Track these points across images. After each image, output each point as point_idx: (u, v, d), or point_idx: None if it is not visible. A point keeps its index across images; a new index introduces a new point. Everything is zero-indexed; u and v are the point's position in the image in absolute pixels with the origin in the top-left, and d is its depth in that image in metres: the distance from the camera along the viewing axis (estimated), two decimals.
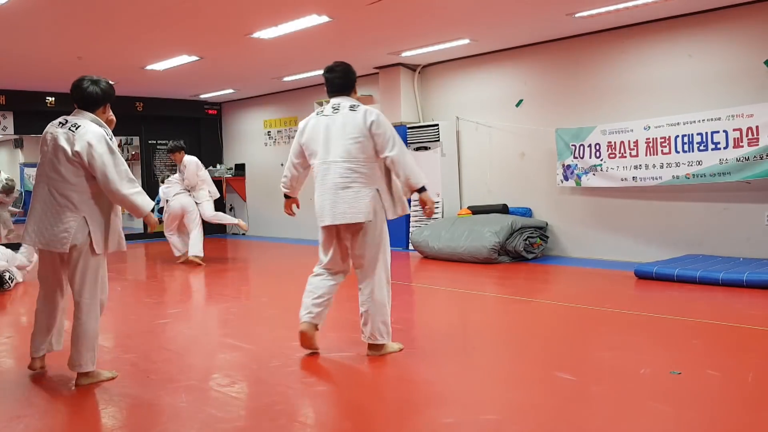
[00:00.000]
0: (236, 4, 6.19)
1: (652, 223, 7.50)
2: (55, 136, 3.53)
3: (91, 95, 3.59)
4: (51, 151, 3.53)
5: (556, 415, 3.02)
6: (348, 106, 3.96)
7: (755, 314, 4.87)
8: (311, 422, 3.01)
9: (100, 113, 3.65)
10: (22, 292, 6.89)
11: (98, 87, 3.61)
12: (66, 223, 3.46)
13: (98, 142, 3.46)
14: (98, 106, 3.63)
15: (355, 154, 3.90)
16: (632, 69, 7.57)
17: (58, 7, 6.16)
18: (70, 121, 3.58)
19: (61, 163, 3.47)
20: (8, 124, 11.16)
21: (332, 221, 4.01)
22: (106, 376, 3.67)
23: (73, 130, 3.50)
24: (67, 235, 3.46)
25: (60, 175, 3.48)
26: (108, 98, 3.66)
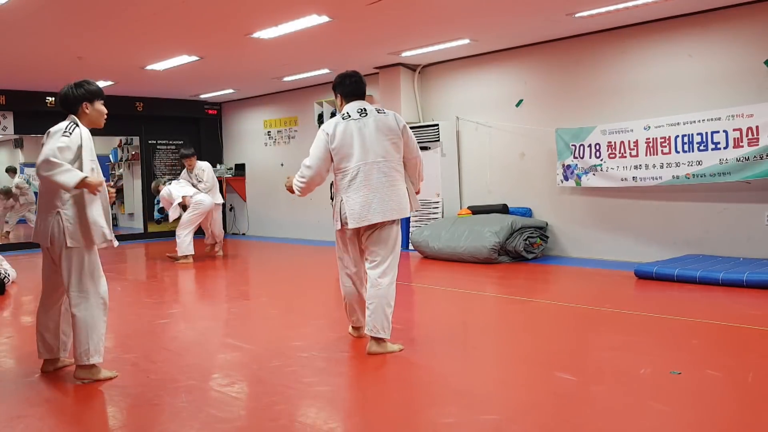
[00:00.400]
0: (236, 4, 6.19)
1: (652, 223, 7.50)
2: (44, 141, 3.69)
3: (64, 98, 3.80)
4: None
5: (556, 415, 3.02)
6: (375, 110, 4.19)
7: (755, 314, 4.87)
8: (311, 422, 3.01)
9: (82, 113, 3.78)
10: (21, 292, 6.89)
11: (69, 90, 3.78)
12: (47, 219, 3.63)
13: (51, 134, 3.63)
14: (75, 106, 3.77)
15: (393, 154, 4.17)
16: (632, 69, 7.58)
17: (58, 7, 6.16)
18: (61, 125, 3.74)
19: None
20: (8, 124, 11.15)
21: (383, 218, 4.06)
22: (105, 375, 3.68)
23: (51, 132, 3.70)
24: (46, 230, 3.63)
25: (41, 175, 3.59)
26: (80, 98, 3.77)
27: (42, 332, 3.80)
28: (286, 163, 12.24)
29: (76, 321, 3.61)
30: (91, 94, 3.79)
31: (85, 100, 3.78)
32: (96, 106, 3.82)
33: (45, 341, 3.80)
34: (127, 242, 12.38)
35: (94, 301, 3.65)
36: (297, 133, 11.98)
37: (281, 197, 12.33)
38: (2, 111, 11.05)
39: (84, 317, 3.61)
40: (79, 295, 3.62)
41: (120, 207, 15.16)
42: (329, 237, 11.28)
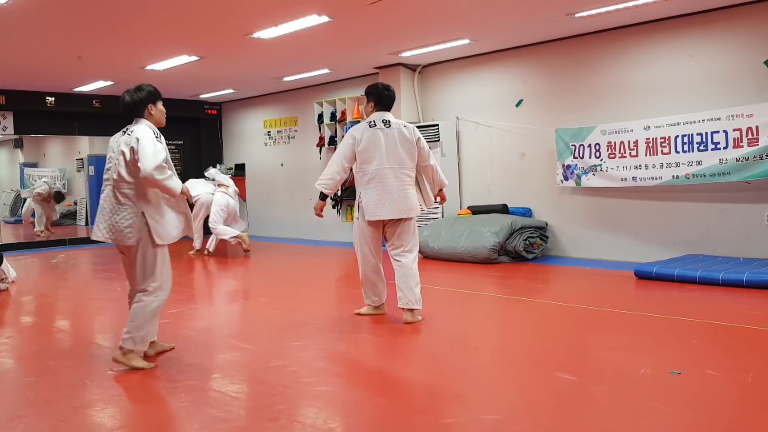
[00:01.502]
0: (236, 4, 6.19)
1: (652, 223, 7.50)
2: (118, 143, 3.91)
3: (129, 104, 3.96)
4: (116, 156, 3.89)
5: (556, 415, 3.02)
6: (399, 123, 4.96)
7: (755, 314, 4.87)
8: (311, 422, 3.01)
9: (148, 115, 3.99)
10: (22, 292, 6.89)
11: (131, 95, 3.96)
12: (129, 219, 3.82)
13: (144, 138, 3.79)
14: (140, 110, 3.97)
15: (408, 163, 4.91)
16: (632, 69, 7.58)
17: (58, 7, 6.16)
18: (129, 128, 3.95)
19: (121, 165, 3.85)
20: (8, 124, 11.15)
21: (398, 215, 4.92)
22: (142, 365, 3.87)
23: (129, 134, 3.89)
24: (131, 230, 3.81)
25: (120, 176, 3.84)
26: (145, 101, 3.97)
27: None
28: (286, 163, 12.24)
29: (142, 308, 3.87)
30: (153, 96, 4.02)
31: (149, 102, 3.99)
32: (158, 107, 4.05)
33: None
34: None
35: (165, 296, 3.99)
36: (297, 133, 11.98)
37: (281, 197, 12.34)
38: (2, 111, 11.04)
39: (154, 308, 3.92)
40: (156, 288, 3.91)
41: None
42: (329, 237, 11.28)
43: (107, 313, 5.73)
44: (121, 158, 3.84)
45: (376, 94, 5.02)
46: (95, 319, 5.62)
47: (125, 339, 3.85)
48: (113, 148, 3.94)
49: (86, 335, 5.04)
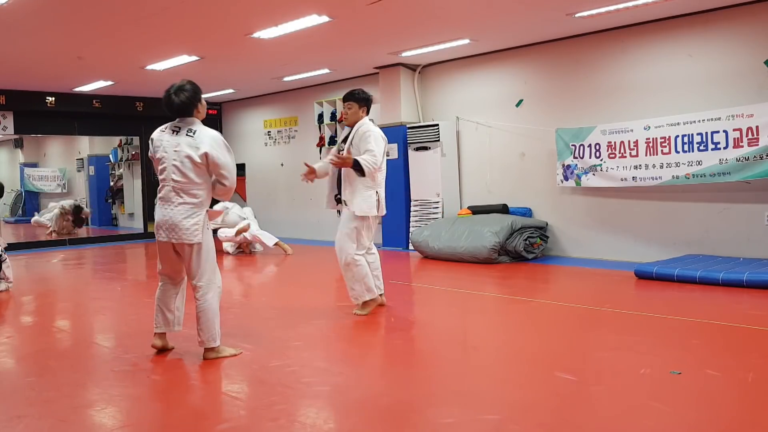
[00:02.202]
0: (236, 4, 6.19)
1: (652, 223, 7.50)
2: (176, 143, 3.94)
3: (184, 106, 4.03)
4: (173, 157, 3.92)
5: (556, 415, 3.02)
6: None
7: (755, 314, 4.87)
8: (311, 422, 3.01)
9: (197, 113, 4.08)
10: (22, 292, 6.89)
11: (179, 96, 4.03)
12: (196, 217, 3.92)
13: (222, 148, 3.94)
14: (191, 108, 4.05)
15: None
16: (632, 69, 7.58)
17: (58, 7, 6.16)
18: (183, 127, 4.01)
19: (187, 166, 3.89)
20: (8, 124, 11.16)
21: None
22: (232, 352, 4.12)
23: (191, 136, 3.95)
24: (198, 227, 3.92)
25: (187, 178, 3.90)
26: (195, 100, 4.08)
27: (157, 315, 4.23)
28: (286, 163, 12.24)
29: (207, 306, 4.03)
30: (200, 93, 4.12)
31: (198, 101, 4.09)
32: (203, 102, 4.16)
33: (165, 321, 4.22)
34: (127, 242, 12.38)
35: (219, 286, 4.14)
36: (297, 133, 11.98)
37: (281, 197, 12.34)
38: (2, 111, 11.05)
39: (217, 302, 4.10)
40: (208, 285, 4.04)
41: (120, 207, 15.18)
42: (329, 237, 11.27)
43: (107, 313, 5.73)
44: (187, 161, 3.89)
45: (370, 101, 5.31)
46: (95, 319, 5.62)
47: (208, 339, 4.02)
48: (166, 147, 3.96)
49: (86, 335, 5.04)
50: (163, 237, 3.97)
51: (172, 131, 4.00)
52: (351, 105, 5.24)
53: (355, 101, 5.23)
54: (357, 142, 5.08)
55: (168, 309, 4.18)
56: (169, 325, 4.20)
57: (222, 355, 4.07)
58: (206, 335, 4.02)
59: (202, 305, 4.00)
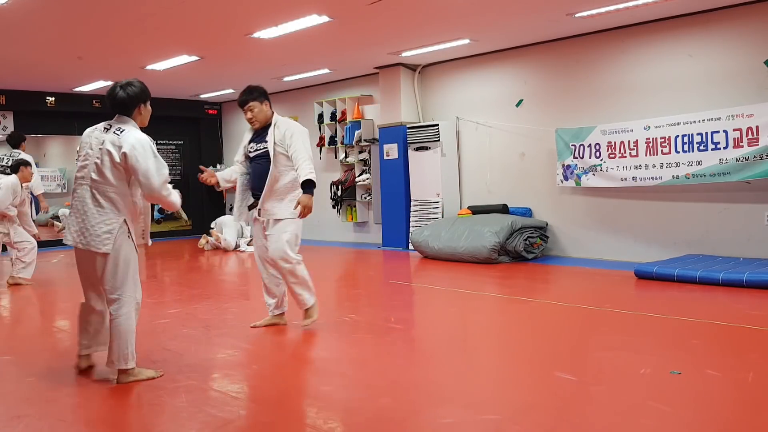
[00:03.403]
0: (236, 4, 6.19)
1: (652, 223, 7.50)
2: (102, 140, 3.60)
3: (122, 101, 3.66)
4: (96, 154, 3.58)
5: (556, 415, 3.02)
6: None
7: (755, 314, 4.87)
8: (311, 422, 3.01)
9: (137, 115, 3.71)
10: (21, 292, 6.89)
11: (123, 90, 3.66)
12: (110, 224, 3.55)
13: (143, 149, 3.54)
14: (131, 108, 3.68)
15: None
16: (632, 69, 7.58)
17: (58, 7, 6.16)
18: (114, 125, 3.65)
19: (106, 166, 3.55)
20: (8, 124, 11.15)
21: None
22: (150, 375, 3.70)
23: (117, 134, 3.58)
24: (110, 236, 3.54)
25: (104, 177, 3.55)
26: (139, 99, 3.70)
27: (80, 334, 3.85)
28: None
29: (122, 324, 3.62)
30: (146, 94, 3.74)
31: (142, 102, 3.71)
32: (148, 107, 3.78)
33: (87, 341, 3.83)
34: None
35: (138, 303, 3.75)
36: None
37: None
38: (2, 111, 11.05)
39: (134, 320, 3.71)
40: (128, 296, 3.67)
41: None
42: (329, 237, 11.27)
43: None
44: (106, 158, 3.53)
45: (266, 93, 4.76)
46: None
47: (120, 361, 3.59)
48: (91, 144, 3.62)
49: None
50: (70, 241, 3.62)
51: (104, 129, 3.65)
52: (253, 105, 4.66)
53: (255, 99, 4.66)
54: (282, 140, 4.56)
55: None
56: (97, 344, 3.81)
57: (139, 378, 3.65)
58: (116, 355, 3.58)
59: (117, 321, 3.58)
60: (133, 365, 3.64)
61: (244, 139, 4.88)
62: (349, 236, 11.16)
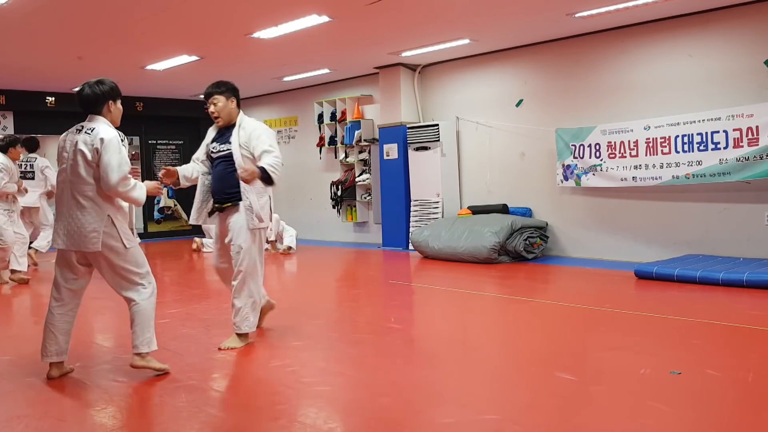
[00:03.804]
0: (236, 4, 6.19)
1: (652, 223, 7.50)
2: (74, 141, 3.62)
3: (87, 98, 3.67)
4: (71, 156, 3.61)
5: (556, 415, 3.02)
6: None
7: (755, 314, 4.87)
8: (311, 422, 3.01)
9: (106, 112, 3.72)
10: (21, 292, 6.89)
11: (91, 88, 3.68)
12: (93, 222, 3.56)
13: (109, 144, 3.54)
14: (100, 105, 3.69)
15: None
16: (632, 69, 7.58)
17: (58, 7, 6.16)
18: (86, 126, 3.66)
19: (81, 166, 3.57)
20: (8, 124, 11.16)
21: None
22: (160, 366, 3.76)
23: (89, 133, 3.60)
24: (97, 234, 3.56)
25: (80, 177, 3.57)
26: (107, 96, 3.70)
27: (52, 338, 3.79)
28: (286, 163, 12.19)
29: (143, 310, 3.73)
30: (115, 92, 3.76)
31: (111, 99, 3.72)
32: (118, 105, 3.79)
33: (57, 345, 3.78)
34: None
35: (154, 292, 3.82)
36: (297, 133, 11.98)
37: (281, 197, 12.33)
38: (2, 111, 11.05)
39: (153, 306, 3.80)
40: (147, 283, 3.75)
41: None
42: (329, 237, 11.27)
43: (107, 313, 5.73)
44: (80, 158, 3.54)
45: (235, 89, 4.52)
46: (95, 319, 5.62)
47: (143, 345, 3.69)
48: (66, 147, 3.64)
49: (86, 335, 5.03)
50: (60, 244, 3.61)
51: (76, 131, 3.65)
52: (217, 99, 4.38)
53: (221, 94, 4.37)
54: (247, 142, 4.25)
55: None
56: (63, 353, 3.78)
57: (150, 365, 3.73)
58: (140, 339, 3.69)
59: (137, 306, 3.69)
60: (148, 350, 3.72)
61: (207, 136, 4.60)
62: (349, 236, 11.16)
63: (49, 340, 3.73)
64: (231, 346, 4.27)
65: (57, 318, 3.74)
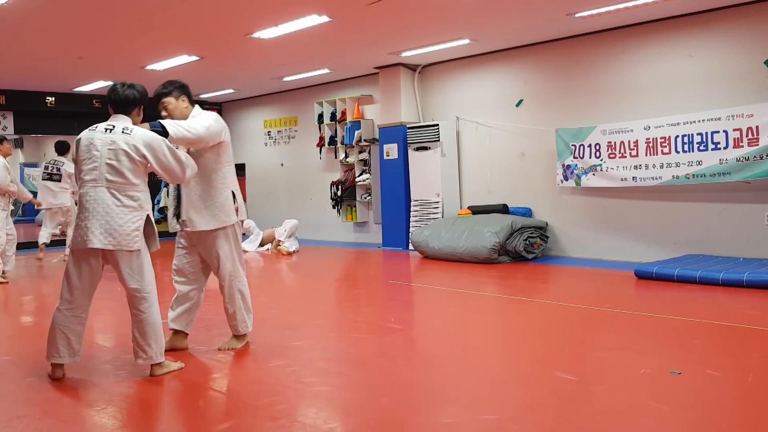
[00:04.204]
0: (236, 4, 6.19)
1: (652, 223, 7.50)
2: (109, 140, 3.62)
3: (126, 98, 3.74)
4: (108, 155, 3.59)
5: (556, 415, 3.02)
6: None
7: (755, 314, 4.87)
8: (311, 422, 3.01)
9: (135, 116, 3.78)
10: (21, 292, 6.89)
11: (128, 90, 3.75)
12: (137, 221, 3.63)
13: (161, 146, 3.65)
14: (132, 108, 3.77)
15: None
16: (632, 69, 7.58)
17: (58, 7, 6.16)
18: (117, 125, 3.67)
19: (123, 165, 3.58)
20: (8, 124, 11.16)
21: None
22: (176, 367, 3.83)
23: (127, 132, 3.63)
24: (139, 233, 3.64)
25: (123, 177, 3.59)
26: (139, 101, 3.79)
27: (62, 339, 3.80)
28: (286, 163, 12.24)
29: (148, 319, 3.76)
30: (146, 98, 3.82)
31: (143, 104, 3.80)
32: (141, 113, 3.86)
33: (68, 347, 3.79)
34: None
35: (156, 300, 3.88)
36: (297, 133, 11.98)
37: (281, 197, 12.34)
38: (2, 111, 11.05)
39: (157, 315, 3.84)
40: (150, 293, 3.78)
41: None
42: (329, 237, 11.27)
43: (107, 313, 5.73)
44: (124, 158, 3.56)
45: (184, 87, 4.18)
46: (95, 319, 5.61)
47: (155, 355, 3.70)
48: (97, 146, 3.60)
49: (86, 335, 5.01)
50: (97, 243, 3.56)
51: (105, 129, 3.65)
52: (167, 102, 4.09)
53: (169, 95, 4.08)
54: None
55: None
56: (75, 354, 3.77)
57: (170, 369, 3.80)
58: (154, 350, 3.70)
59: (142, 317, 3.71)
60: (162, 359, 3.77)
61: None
62: (349, 236, 11.16)
63: (60, 341, 3.70)
64: (231, 347, 4.29)
65: (70, 320, 3.75)
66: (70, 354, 3.73)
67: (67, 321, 3.74)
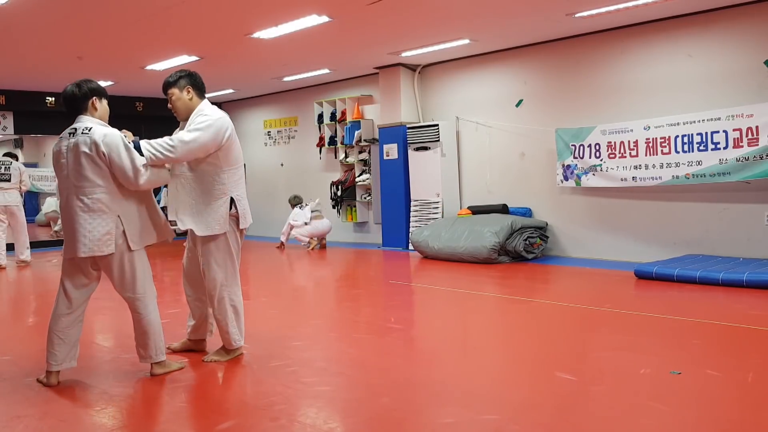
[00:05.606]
0: (236, 4, 6.19)
1: (652, 223, 7.50)
2: (72, 144, 3.53)
3: (72, 97, 3.63)
4: (72, 160, 3.52)
5: (556, 415, 3.02)
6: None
7: (755, 314, 4.87)
8: (311, 422, 3.01)
9: (92, 109, 3.67)
10: (21, 292, 6.89)
11: (74, 88, 3.65)
12: (106, 225, 3.52)
13: (115, 145, 3.52)
14: (84, 102, 3.64)
15: None
16: (632, 69, 7.58)
17: (58, 7, 6.16)
18: (78, 127, 3.58)
19: (85, 166, 3.49)
20: (8, 124, 11.16)
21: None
22: (177, 366, 3.84)
23: (86, 133, 3.53)
24: (110, 236, 3.52)
25: (87, 179, 3.50)
26: (90, 93, 3.66)
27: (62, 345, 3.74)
28: (286, 163, 12.24)
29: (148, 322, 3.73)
30: (98, 90, 3.71)
31: (94, 96, 3.67)
32: (103, 103, 3.74)
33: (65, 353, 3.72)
34: None
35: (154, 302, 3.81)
36: (297, 133, 11.98)
37: (281, 197, 12.33)
38: (2, 111, 11.05)
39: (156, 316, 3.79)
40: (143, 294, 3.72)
41: None
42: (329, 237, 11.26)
43: (107, 313, 5.73)
44: (85, 160, 3.46)
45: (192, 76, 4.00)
46: (95, 319, 5.61)
47: (154, 355, 3.69)
48: (64, 153, 3.53)
49: (86, 335, 5.02)
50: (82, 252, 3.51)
51: (70, 134, 3.56)
52: (171, 93, 3.94)
53: (174, 86, 3.92)
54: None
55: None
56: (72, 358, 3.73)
57: (171, 368, 3.79)
58: (153, 349, 3.69)
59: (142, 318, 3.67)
60: (163, 358, 3.77)
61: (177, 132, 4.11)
62: (349, 236, 11.16)
63: (58, 347, 3.67)
64: (217, 359, 3.99)
65: (67, 326, 3.70)
66: (68, 359, 3.71)
67: (65, 327, 3.71)
